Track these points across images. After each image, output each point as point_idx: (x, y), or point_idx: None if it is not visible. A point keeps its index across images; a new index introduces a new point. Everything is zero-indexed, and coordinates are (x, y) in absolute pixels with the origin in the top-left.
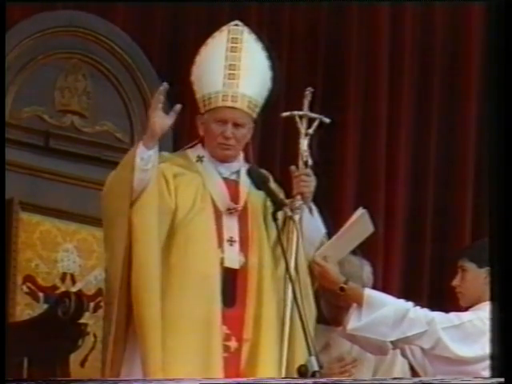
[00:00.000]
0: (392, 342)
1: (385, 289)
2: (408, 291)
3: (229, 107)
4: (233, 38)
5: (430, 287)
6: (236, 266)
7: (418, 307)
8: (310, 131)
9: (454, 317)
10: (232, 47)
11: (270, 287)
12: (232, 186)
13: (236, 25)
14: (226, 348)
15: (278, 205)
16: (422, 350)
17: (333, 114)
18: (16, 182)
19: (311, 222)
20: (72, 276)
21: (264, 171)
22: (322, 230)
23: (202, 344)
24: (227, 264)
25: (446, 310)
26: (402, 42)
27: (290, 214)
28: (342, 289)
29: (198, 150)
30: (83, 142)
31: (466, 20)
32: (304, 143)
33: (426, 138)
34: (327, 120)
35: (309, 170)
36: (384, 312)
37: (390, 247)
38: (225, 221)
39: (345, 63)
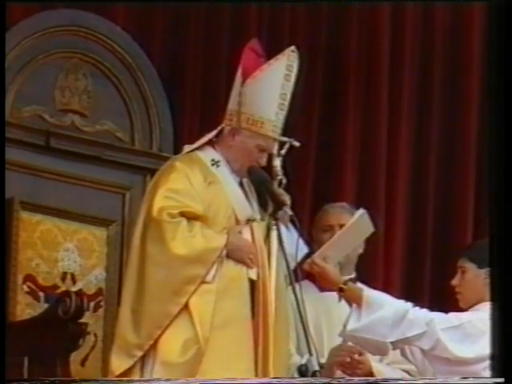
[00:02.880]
0: (392, 343)
1: (385, 289)
2: (408, 291)
3: (273, 138)
4: (288, 65)
5: (430, 287)
6: (254, 277)
7: (417, 308)
8: (282, 152)
9: (453, 317)
10: (286, 75)
11: (274, 296)
12: (245, 195)
13: (293, 51)
14: None
15: (278, 205)
16: (422, 350)
17: (333, 114)
18: (16, 182)
19: (291, 241)
20: (72, 275)
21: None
22: (304, 249)
23: (237, 350)
24: (249, 275)
25: (447, 310)
26: (403, 43)
27: (290, 213)
28: (341, 289)
29: (211, 153)
30: (84, 141)
31: (466, 20)
32: (277, 163)
33: (427, 137)
34: (297, 144)
35: (280, 190)
36: (383, 313)
37: (390, 247)
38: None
39: (345, 64)
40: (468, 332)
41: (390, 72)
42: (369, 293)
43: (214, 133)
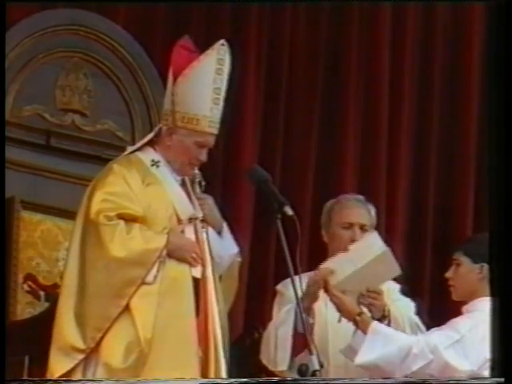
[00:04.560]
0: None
1: None
2: (409, 285)
3: (210, 133)
4: (219, 59)
5: (430, 281)
6: (198, 275)
7: (420, 337)
8: None
9: (452, 332)
10: (218, 69)
11: (218, 294)
12: (186, 194)
13: (222, 44)
14: None
15: (278, 205)
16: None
17: (334, 113)
18: (17, 181)
19: (218, 242)
20: None
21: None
22: (233, 249)
23: (181, 350)
24: (193, 273)
25: (447, 305)
26: (403, 43)
27: (290, 213)
28: (354, 319)
29: (151, 154)
30: (84, 140)
31: (467, 20)
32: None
33: (428, 135)
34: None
35: (201, 194)
36: (387, 352)
37: (390, 243)
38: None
39: (345, 62)
40: (470, 342)
41: (390, 71)
42: (376, 326)
43: (152, 134)
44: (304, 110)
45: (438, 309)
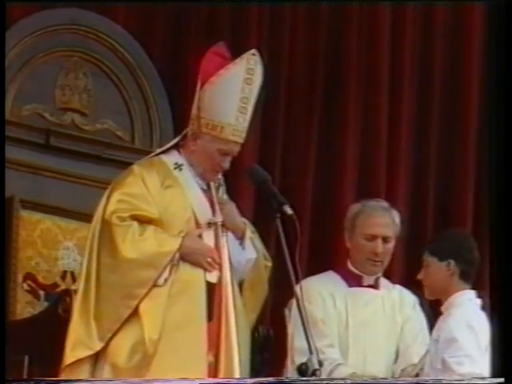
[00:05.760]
0: None
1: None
2: (409, 282)
3: (235, 142)
4: (249, 68)
5: None
6: (214, 280)
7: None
8: None
9: (461, 351)
10: (247, 79)
11: (235, 300)
12: (209, 198)
13: (253, 54)
14: None
15: (278, 204)
16: None
17: (333, 113)
18: (17, 180)
19: (236, 247)
20: (72, 274)
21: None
22: (251, 254)
23: (189, 353)
24: (208, 278)
25: None
26: (403, 43)
27: (290, 212)
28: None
29: (175, 157)
30: (84, 140)
31: (467, 20)
32: None
33: (427, 136)
34: None
35: (223, 199)
36: None
37: None
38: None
39: (346, 64)
40: (476, 348)
41: (390, 71)
42: None
43: (179, 137)
44: (304, 111)
45: (438, 308)
